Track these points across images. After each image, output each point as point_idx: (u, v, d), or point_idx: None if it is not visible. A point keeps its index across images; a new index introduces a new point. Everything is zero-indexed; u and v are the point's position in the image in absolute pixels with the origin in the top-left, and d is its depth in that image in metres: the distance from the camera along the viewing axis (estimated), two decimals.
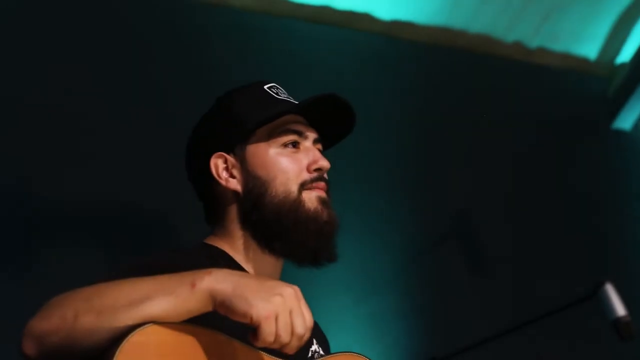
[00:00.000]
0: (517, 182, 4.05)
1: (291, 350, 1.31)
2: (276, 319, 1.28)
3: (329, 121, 1.74)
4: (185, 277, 1.31)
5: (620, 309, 2.76)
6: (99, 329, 1.26)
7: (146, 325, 1.25)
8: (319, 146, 1.75)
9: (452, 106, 4.05)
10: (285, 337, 1.28)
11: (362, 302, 3.42)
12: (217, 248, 1.68)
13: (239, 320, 1.30)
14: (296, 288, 1.34)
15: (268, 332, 1.27)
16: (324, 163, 1.70)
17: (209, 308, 1.31)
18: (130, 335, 1.23)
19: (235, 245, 1.68)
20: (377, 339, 3.35)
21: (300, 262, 1.69)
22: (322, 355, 1.68)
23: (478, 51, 4.26)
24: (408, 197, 3.80)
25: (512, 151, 4.10)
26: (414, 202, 3.81)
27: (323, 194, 1.68)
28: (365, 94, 3.49)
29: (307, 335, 1.32)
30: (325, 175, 1.72)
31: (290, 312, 1.29)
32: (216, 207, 1.71)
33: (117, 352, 1.20)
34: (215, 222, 1.72)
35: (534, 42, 4.36)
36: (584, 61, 4.48)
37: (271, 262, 1.69)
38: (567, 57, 4.44)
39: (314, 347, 1.69)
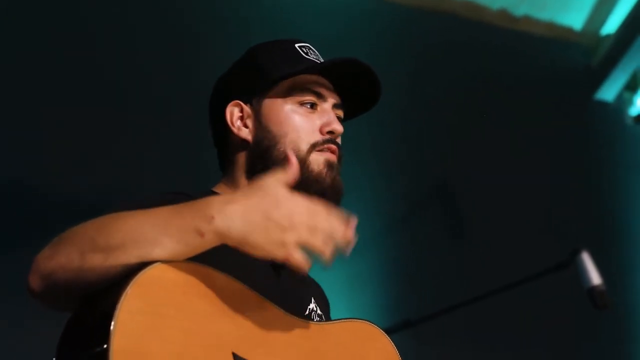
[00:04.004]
0: (498, 148, 4.05)
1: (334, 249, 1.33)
2: (305, 244, 1.30)
3: (355, 91, 1.72)
4: (189, 222, 1.29)
5: (595, 278, 2.76)
6: (106, 268, 1.27)
7: (158, 263, 1.28)
8: (340, 113, 1.71)
9: (436, 71, 4.03)
10: (326, 250, 1.32)
11: (340, 264, 3.41)
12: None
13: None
14: (309, 202, 1.33)
15: (298, 264, 1.30)
16: (337, 127, 1.66)
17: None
18: (146, 269, 1.26)
19: None
20: (353, 301, 3.35)
21: None
22: (319, 315, 1.68)
23: (463, 17, 4.23)
24: (389, 161, 3.78)
25: (493, 118, 4.09)
26: (395, 167, 3.80)
27: (333, 158, 1.65)
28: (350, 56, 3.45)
29: (345, 232, 1.34)
30: (339, 141, 1.69)
31: (313, 230, 1.31)
32: (227, 154, 1.71)
33: (131, 283, 1.23)
34: (225, 169, 1.72)
35: (519, 10, 4.34)
36: (569, 31, 4.47)
37: None
38: (553, 26, 4.43)
39: (312, 305, 1.68)
